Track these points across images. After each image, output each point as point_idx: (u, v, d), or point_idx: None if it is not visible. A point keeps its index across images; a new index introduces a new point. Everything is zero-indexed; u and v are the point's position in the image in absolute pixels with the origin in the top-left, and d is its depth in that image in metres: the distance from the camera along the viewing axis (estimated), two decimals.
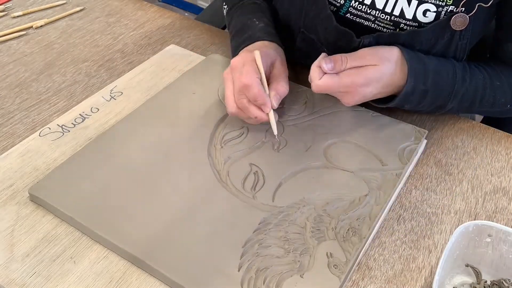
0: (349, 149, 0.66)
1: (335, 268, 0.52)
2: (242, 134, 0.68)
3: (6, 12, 0.94)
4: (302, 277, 0.52)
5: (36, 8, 0.94)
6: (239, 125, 0.69)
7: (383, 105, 0.68)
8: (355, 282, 0.54)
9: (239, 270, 0.52)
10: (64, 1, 0.97)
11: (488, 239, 0.54)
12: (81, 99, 0.75)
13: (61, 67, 0.82)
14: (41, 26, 0.91)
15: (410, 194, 0.63)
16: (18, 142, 0.67)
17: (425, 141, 0.69)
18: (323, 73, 0.63)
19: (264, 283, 0.51)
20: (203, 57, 0.83)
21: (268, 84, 0.67)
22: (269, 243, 0.54)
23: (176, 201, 0.58)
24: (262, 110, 0.64)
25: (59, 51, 0.86)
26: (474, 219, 0.60)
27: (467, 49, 0.69)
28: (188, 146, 0.65)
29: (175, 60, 0.83)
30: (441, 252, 0.56)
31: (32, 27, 0.91)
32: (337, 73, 0.63)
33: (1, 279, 0.52)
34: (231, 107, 0.65)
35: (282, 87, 0.66)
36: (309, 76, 0.65)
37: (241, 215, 0.57)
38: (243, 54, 0.67)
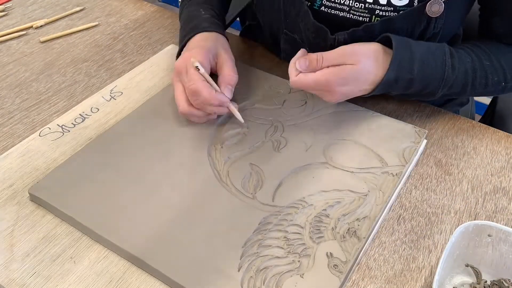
0: (349, 149, 0.66)
1: (335, 268, 0.52)
2: (242, 134, 0.68)
3: (6, 12, 0.94)
4: (302, 277, 0.52)
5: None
6: (239, 126, 0.69)
7: (368, 95, 0.67)
8: (355, 282, 0.54)
9: (239, 270, 0.52)
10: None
11: (488, 239, 0.54)
12: (81, 99, 0.75)
13: (61, 67, 0.82)
14: (41, 26, 0.91)
15: (410, 194, 0.63)
16: (18, 142, 0.67)
17: (425, 141, 0.69)
18: (300, 70, 0.64)
19: (264, 283, 0.51)
20: None
21: (218, 76, 0.68)
22: (269, 243, 0.54)
23: (176, 201, 0.58)
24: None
25: (59, 51, 0.86)
26: (474, 219, 0.60)
27: (443, 38, 0.69)
28: (188, 146, 0.65)
29: (175, 60, 0.83)
30: (441, 252, 0.56)
31: (32, 27, 0.91)
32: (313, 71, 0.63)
33: (1, 279, 0.52)
34: (182, 106, 0.66)
35: (229, 75, 0.67)
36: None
37: (241, 215, 0.57)
38: (184, 56, 0.68)
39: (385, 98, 0.75)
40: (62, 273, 0.53)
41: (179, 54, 0.73)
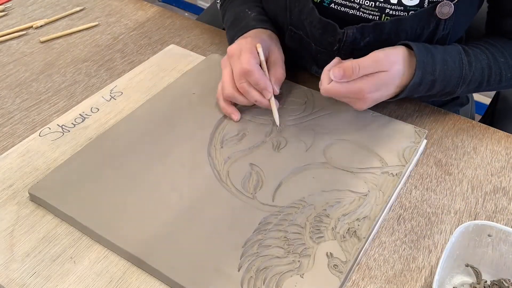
0: (349, 149, 0.66)
1: (335, 268, 0.52)
2: (242, 134, 0.68)
3: (6, 12, 0.94)
4: (302, 277, 0.52)
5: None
6: (239, 126, 0.69)
7: (393, 99, 0.68)
8: (355, 282, 0.54)
9: (239, 270, 0.52)
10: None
11: (488, 239, 0.54)
12: (81, 99, 0.75)
13: (61, 67, 0.82)
14: (41, 26, 0.91)
15: (410, 194, 0.63)
16: (18, 142, 0.67)
17: (425, 141, 0.69)
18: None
19: (264, 283, 0.51)
20: (203, 57, 0.83)
21: (268, 71, 0.69)
22: (269, 243, 0.54)
23: (176, 201, 0.58)
24: (262, 95, 0.67)
25: (59, 51, 0.86)
26: (474, 219, 0.60)
27: (451, 40, 0.69)
28: (188, 146, 0.65)
29: (175, 60, 0.83)
30: (441, 252, 0.56)
31: (32, 27, 0.91)
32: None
33: (1, 279, 0.52)
34: (228, 88, 0.67)
35: (279, 72, 0.69)
36: (320, 80, 0.66)
37: (241, 215, 0.57)
38: (239, 41, 0.69)
39: None
40: (62, 273, 0.53)
41: None
